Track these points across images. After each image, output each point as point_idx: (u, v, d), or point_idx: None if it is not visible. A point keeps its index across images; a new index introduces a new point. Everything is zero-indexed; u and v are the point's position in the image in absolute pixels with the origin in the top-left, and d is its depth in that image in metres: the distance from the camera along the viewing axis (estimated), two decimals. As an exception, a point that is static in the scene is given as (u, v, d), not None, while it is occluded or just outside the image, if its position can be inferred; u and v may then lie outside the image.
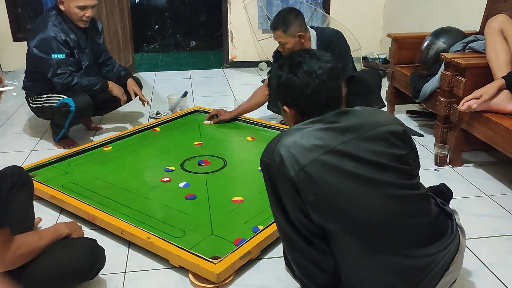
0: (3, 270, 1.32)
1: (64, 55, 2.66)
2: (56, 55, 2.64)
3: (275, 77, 1.37)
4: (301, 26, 2.68)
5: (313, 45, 2.77)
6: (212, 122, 3.07)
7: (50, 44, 2.63)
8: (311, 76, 1.29)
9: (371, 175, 1.22)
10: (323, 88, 1.29)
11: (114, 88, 2.88)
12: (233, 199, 2.09)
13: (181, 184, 2.23)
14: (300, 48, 2.68)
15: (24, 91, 2.91)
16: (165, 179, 2.30)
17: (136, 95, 3.00)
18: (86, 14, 2.69)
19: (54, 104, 2.73)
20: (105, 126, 3.22)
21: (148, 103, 3.10)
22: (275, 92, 1.42)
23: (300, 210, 1.24)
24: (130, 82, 3.01)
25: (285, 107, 1.37)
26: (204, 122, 3.10)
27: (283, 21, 2.64)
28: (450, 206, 1.45)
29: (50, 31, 2.64)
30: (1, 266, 1.30)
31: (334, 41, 2.78)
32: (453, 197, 1.54)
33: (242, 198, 2.09)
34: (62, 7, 2.68)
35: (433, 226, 1.30)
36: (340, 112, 1.31)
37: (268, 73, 3.10)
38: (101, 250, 1.59)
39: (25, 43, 2.77)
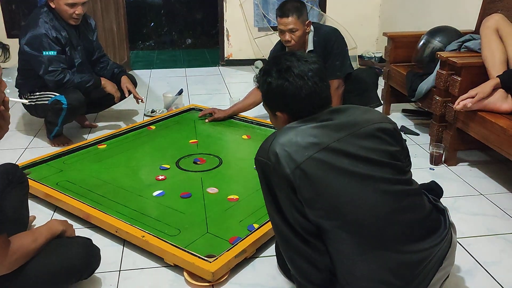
0: (0, 274, 1.30)
1: (55, 52, 2.64)
2: (47, 52, 2.61)
3: (264, 84, 1.35)
4: (307, 15, 2.70)
5: (310, 40, 2.77)
6: (207, 120, 3.07)
7: (41, 41, 2.61)
8: (303, 80, 1.29)
9: (365, 171, 1.23)
10: (315, 90, 1.29)
11: (108, 85, 2.86)
12: (228, 197, 2.08)
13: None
14: (304, 40, 2.70)
15: (17, 89, 2.89)
16: (160, 177, 2.29)
17: (130, 92, 2.99)
18: (76, 12, 2.67)
19: (46, 102, 2.71)
20: (99, 124, 3.21)
21: (142, 101, 3.09)
22: (264, 99, 1.40)
23: (296, 208, 1.25)
24: (124, 80, 2.99)
25: (278, 113, 1.36)
26: (199, 115, 3.10)
27: (295, 7, 2.63)
28: (443, 204, 1.45)
29: (41, 28, 2.62)
30: None
31: (332, 39, 2.78)
32: (446, 195, 1.54)
33: (238, 197, 2.09)
34: (52, 5, 2.66)
35: (427, 221, 1.32)
36: (333, 110, 1.33)
37: None
38: (97, 250, 1.58)
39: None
